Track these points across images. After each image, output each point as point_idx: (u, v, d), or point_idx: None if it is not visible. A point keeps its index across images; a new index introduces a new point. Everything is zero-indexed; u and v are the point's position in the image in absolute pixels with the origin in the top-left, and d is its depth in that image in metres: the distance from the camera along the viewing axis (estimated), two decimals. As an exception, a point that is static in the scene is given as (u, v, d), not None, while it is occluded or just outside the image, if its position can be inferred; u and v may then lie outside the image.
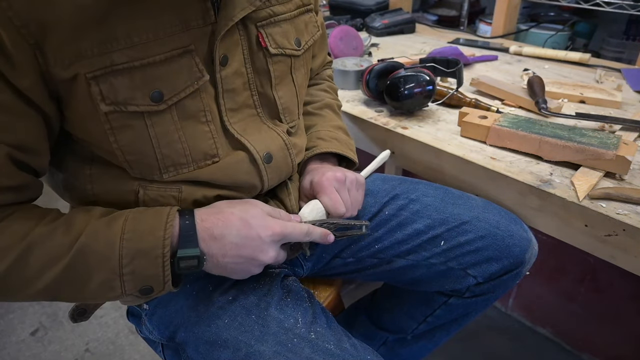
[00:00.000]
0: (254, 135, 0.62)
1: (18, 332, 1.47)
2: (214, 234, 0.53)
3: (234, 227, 0.54)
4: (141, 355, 1.39)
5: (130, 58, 0.49)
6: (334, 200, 0.66)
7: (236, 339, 0.57)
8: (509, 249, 0.72)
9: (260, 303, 0.61)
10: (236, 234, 0.54)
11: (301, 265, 0.76)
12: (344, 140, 0.77)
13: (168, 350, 0.69)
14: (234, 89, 0.59)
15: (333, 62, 1.09)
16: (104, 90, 0.49)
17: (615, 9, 1.21)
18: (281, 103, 0.65)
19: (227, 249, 0.54)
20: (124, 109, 0.51)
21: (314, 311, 0.63)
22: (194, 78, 0.54)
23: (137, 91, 0.51)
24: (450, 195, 0.77)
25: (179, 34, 0.52)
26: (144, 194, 0.58)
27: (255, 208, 0.57)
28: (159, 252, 0.51)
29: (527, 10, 1.63)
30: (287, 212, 0.68)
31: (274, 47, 0.62)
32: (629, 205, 0.66)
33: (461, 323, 0.84)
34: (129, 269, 0.51)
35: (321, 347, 0.57)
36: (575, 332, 1.34)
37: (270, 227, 0.56)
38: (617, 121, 0.84)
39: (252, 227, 0.55)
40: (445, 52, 1.15)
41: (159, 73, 0.51)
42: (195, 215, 0.54)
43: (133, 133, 0.53)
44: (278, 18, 0.62)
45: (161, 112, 0.53)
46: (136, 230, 0.51)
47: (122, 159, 0.55)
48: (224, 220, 0.54)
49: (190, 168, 0.58)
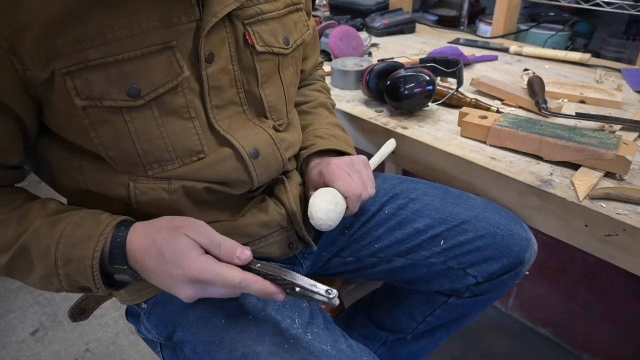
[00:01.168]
0: (239, 132, 0.62)
1: (18, 332, 1.47)
2: (136, 258, 0.53)
3: (152, 256, 0.52)
4: (141, 355, 1.39)
5: (104, 54, 0.49)
6: (348, 182, 0.66)
7: (233, 339, 0.57)
8: (508, 248, 0.72)
9: (257, 303, 0.61)
10: (152, 263, 0.52)
11: (300, 264, 0.76)
12: (341, 136, 0.77)
13: (166, 349, 0.69)
14: (220, 86, 0.59)
15: (333, 61, 1.10)
16: (78, 85, 0.50)
17: (615, 9, 1.21)
18: (267, 101, 0.65)
19: (148, 274, 0.53)
20: (99, 103, 0.51)
21: (311, 311, 0.63)
22: (174, 74, 0.54)
23: (113, 86, 0.51)
24: (450, 194, 0.77)
25: (158, 30, 0.52)
26: (134, 187, 0.58)
27: (182, 240, 0.52)
28: (88, 263, 0.51)
29: (527, 10, 1.63)
30: (286, 210, 0.68)
31: (261, 45, 0.62)
32: (629, 205, 0.66)
33: (461, 323, 0.84)
34: (63, 270, 0.52)
35: (317, 347, 0.57)
36: (575, 332, 1.34)
37: (184, 267, 0.51)
38: (617, 121, 0.84)
39: (166, 262, 0.51)
40: (446, 52, 1.15)
41: (134, 69, 0.51)
42: (129, 234, 0.53)
43: (112, 128, 0.53)
44: (265, 16, 0.62)
45: (139, 108, 0.53)
46: (72, 237, 0.52)
47: (105, 154, 0.55)
48: (146, 247, 0.52)
49: (175, 165, 0.58)
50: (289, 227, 0.70)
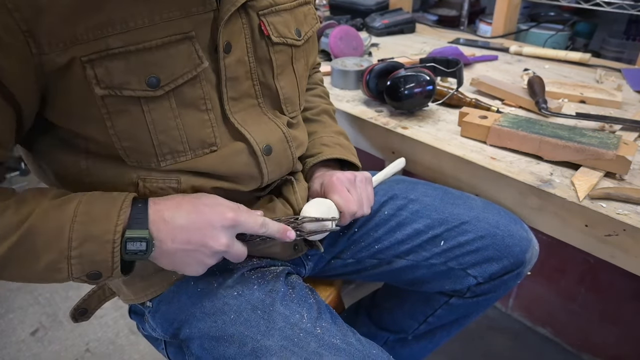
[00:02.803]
0: (254, 127, 0.62)
1: (18, 332, 1.47)
2: (164, 217, 0.52)
3: (183, 209, 0.53)
4: (141, 355, 1.39)
5: (126, 42, 0.49)
6: (346, 198, 0.66)
7: (242, 334, 0.58)
8: (509, 248, 0.72)
9: (265, 299, 0.61)
10: (186, 216, 0.53)
11: (304, 265, 0.76)
12: (346, 145, 0.78)
13: (171, 347, 0.69)
14: (237, 77, 0.59)
15: (333, 61, 1.10)
16: (99, 74, 0.49)
17: (615, 9, 1.21)
18: (283, 93, 0.65)
19: (176, 232, 0.53)
20: (119, 93, 0.51)
21: (319, 307, 0.63)
22: (193, 65, 0.54)
23: (133, 76, 0.51)
24: (450, 195, 0.77)
25: (178, 19, 0.52)
26: (143, 187, 0.57)
27: (211, 197, 0.57)
28: (110, 238, 0.50)
29: (527, 10, 1.63)
30: (294, 211, 0.69)
31: (276, 36, 0.62)
32: (629, 205, 0.66)
33: (462, 323, 0.84)
34: (77, 252, 0.50)
35: (327, 341, 0.57)
36: (575, 332, 1.34)
37: (221, 213, 0.54)
38: (617, 121, 0.84)
39: (202, 212, 0.54)
40: (446, 52, 1.15)
41: (155, 58, 0.51)
42: (149, 200, 0.54)
43: (130, 118, 0.53)
44: (278, 7, 0.62)
45: (158, 98, 0.53)
46: (89, 213, 0.50)
47: (119, 145, 0.54)
48: (176, 203, 0.54)
49: (188, 156, 0.57)
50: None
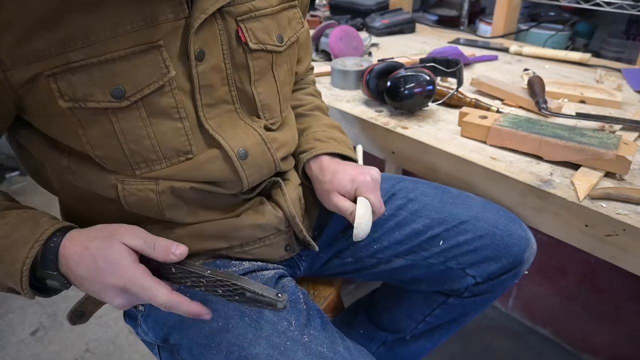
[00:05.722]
0: (229, 132, 0.61)
1: (18, 332, 1.47)
2: (69, 265, 0.52)
3: (84, 262, 0.51)
4: (141, 355, 1.39)
5: (87, 55, 0.49)
6: (380, 201, 0.67)
7: (229, 342, 0.57)
8: (507, 248, 0.72)
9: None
10: (85, 270, 0.51)
11: (298, 266, 0.76)
12: (341, 138, 0.77)
13: (164, 352, 0.69)
14: (212, 84, 0.58)
15: (333, 61, 1.10)
16: (62, 87, 0.49)
17: (615, 9, 1.21)
18: (260, 99, 0.64)
19: (79, 281, 0.52)
20: (83, 105, 0.51)
21: (309, 313, 0.63)
22: (160, 74, 0.53)
23: (97, 88, 0.51)
24: (449, 194, 0.77)
25: (142, 29, 0.51)
26: (122, 189, 0.57)
27: (115, 248, 0.51)
28: (19, 267, 0.50)
29: (527, 10, 1.63)
30: (284, 213, 0.68)
31: (254, 43, 0.61)
32: (629, 205, 0.66)
33: (460, 323, 0.84)
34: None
35: (314, 350, 0.57)
36: (575, 332, 1.34)
37: (116, 276, 0.50)
38: (617, 121, 0.84)
39: (99, 270, 0.51)
40: (446, 52, 1.15)
41: (119, 69, 0.51)
42: (63, 240, 0.53)
43: (100, 128, 0.53)
44: (259, 13, 0.61)
45: (126, 109, 0.53)
46: (8, 238, 0.51)
47: (92, 153, 0.55)
48: (79, 254, 0.52)
49: (163, 165, 0.57)
50: (287, 230, 0.70)
